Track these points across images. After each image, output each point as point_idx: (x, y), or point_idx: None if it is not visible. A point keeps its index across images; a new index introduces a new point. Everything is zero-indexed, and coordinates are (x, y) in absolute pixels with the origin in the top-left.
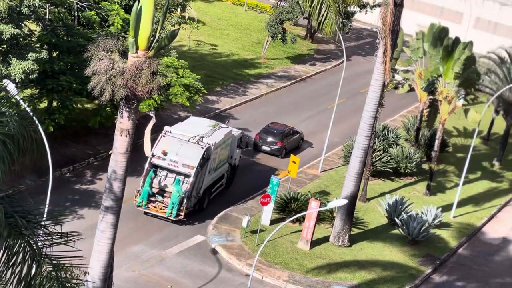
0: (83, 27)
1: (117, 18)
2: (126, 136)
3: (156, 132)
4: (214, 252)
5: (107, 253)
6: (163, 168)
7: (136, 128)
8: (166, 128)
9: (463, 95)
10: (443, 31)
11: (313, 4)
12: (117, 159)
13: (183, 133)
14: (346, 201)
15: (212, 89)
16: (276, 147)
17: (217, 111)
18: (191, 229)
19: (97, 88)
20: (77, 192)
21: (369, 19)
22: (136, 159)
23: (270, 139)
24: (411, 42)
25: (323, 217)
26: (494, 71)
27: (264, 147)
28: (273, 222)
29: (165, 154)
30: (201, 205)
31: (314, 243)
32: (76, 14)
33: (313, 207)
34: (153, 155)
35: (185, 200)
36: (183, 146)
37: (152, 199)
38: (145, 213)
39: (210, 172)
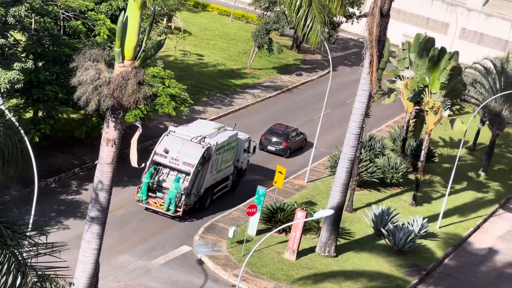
0: (69, 37)
1: (103, 28)
2: (112, 146)
3: (142, 142)
4: (200, 262)
5: (93, 264)
6: (164, 166)
7: (122, 138)
8: (171, 128)
9: (449, 106)
10: (429, 42)
11: (298, 15)
12: (103, 169)
13: (187, 133)
14: (332, 211)
15: (198, 99)
16: (281, 147)
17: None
18: (177, 240)
19: (83, 98)
20: (62, 203)
21: (355, 29)
22: (122, 169)
23: (275, 139)
24: (398, 52)
25: (309, 228)
26: (479, 81)
27: (269, 147)
28: (259, 232)
29: (166, 152)
30: (203, 204)
31: (300, 254)
32: (62, 24)
33: (299, 217)
34: (155, 153)
35: (183, 197)
36: (184, 145)
37: (152, 195)
38: (146, 208)
39: (212, 172)
